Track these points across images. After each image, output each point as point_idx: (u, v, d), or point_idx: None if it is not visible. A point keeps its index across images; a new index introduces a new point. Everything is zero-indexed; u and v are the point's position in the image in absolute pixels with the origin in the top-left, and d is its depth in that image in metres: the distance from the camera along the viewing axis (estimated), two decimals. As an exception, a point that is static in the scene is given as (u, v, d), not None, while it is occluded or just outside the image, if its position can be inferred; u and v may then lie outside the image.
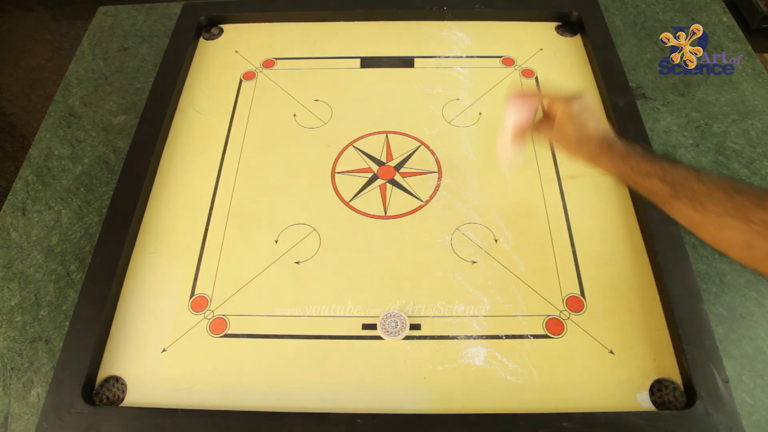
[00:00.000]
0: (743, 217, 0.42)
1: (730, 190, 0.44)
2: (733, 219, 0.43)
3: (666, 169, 0.49)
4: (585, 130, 0.57)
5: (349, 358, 0.59)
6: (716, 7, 0.97)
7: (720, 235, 0.45)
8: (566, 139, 0.59)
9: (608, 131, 0.57)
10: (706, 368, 0.55)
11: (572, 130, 0.58)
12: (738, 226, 0.43)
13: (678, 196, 0.47)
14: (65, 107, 0.87)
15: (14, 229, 0.73)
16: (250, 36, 0.92)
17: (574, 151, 0.59)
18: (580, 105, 0.58)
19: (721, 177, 0.46)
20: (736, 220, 0.43)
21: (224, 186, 0.73)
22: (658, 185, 0.49)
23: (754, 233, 0.42)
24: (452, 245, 0.67)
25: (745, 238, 0.42)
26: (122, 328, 0.62)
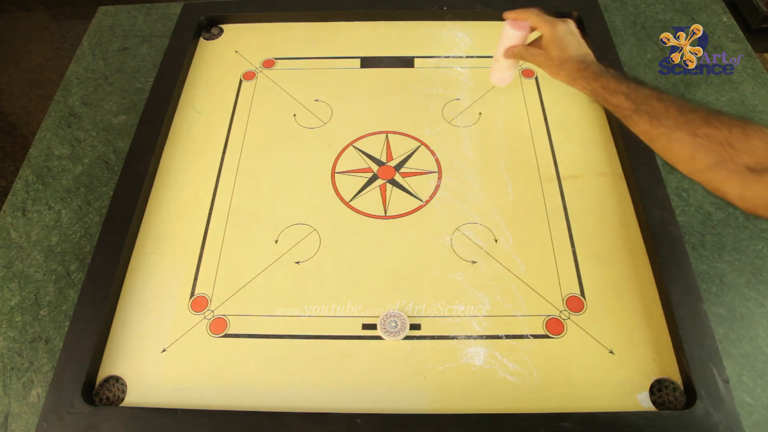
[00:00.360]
0: (690, 132, 0.47)
1: (683, 108, 0.49)
2: (682, 132, 0.48)
3: (632, 89, 0.55)
4: (566, 51, 0.64)
5: (349, 358, 0.59)
6: (716, 7, 0.97)
7: (670, 147, 0.50)
8: (549, 59, 0.66)
9: (587, 54, 0.64)
10: (706, 368, 0.55)
11: (555, 51, 0.65)
12: (685, 139, 0.48)
13: (639, 111, 0.53)
14: (65, 107, 0.87)
15: (14, 229, 0.73)
16: (250, 36, 0.92)
17: (556, 71, 0.66)
18: (565, 28, 0.66)
19: (680, 98, 0.51)
20: (684, 133, 0.48)
21: (224, 186, 0.73)
22: (623, 101, 0.55)
23: (697, 146, 0.47)
24: (452, 245, 0.67)
25: (690, 151, 0.47)
26: (122, 328, 0.62)
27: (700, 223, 0.71)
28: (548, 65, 0.67)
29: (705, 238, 0.70)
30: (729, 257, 0.68)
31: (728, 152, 0.45)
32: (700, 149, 0.47)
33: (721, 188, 0.47)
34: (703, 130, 0.47)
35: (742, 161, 0.45)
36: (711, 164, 0.46)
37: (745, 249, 0.69)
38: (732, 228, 0.70)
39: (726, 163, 0.46)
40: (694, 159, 0.47)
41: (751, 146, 0.44)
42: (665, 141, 0.50)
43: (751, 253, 0.68)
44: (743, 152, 0.45)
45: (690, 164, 0.48)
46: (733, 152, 0.45)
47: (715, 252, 0.68)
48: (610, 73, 0.59)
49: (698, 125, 0.47)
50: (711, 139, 0.46)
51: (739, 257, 0.68)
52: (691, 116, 0.48)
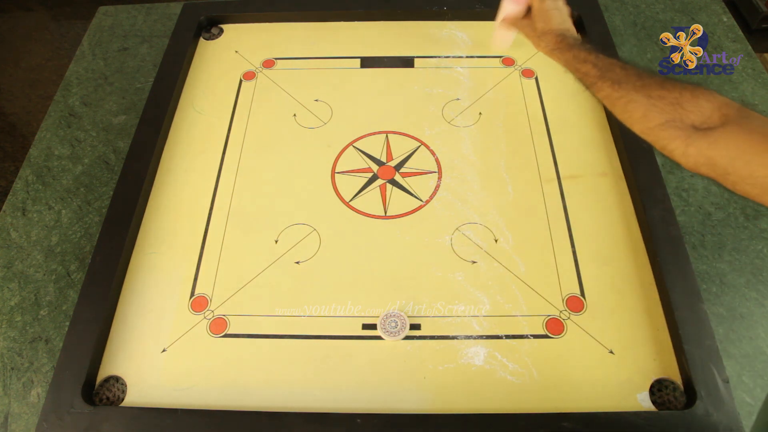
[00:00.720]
0: (646, 93, 0.51)
1: (642, 74, 0.54)
2: (638, 94, 0.52)
3: (600, 58, 0.59)
4: (549, 24, 0.67)
5: (349, 358, 0.59)
6: (716, 7, 0.97)
7: (627, 108, 0.53)
8: (533, 30, 0.70)
9: (568, 29, 0.67)
10: (706, 368, 0.55)
11: (539, 23, 0.68)
12: (641, 101, 0.52)
13: (603, 77, 0.57)
14: (65, 107, 0.87)
15: (14, 229, 0.73)
16: (250, 36, 0.92)
17: (537, 42, 0.70)
18: (552, 3, 0.68)
19: (642, 68, 0.56)
20: (641, 95, 0.52)
21: (224, 186, 0.73)
22: (590, 69, 0.59)
23: (650, 106, 0.51)
24: (452, 245, 0.67)
25: (644, 110, 0.51)
26: (122, 328, 0.62)
27: (700, 223, 0.71)
28: (532, 36, 0.71)
29: (705, 238, 0.70)
30: (729, 257, 0.68)
31: (678, 112, 0.49)
32: (652, 109, 0.50)
33: (668, 146, 0.49)
34: (657, 92, 0.51)
35: (690, 120, 0.48)
36: (661, 123, 0.50)
37: (745, 249, 0.69)
38: (732, 228, 0.70)
39: (674, 122, 0.49)
40: (647, 118, 0.51)
41: (698, 106, 0.48)
42: (623, 102, 0.54)
43: (751, 253, 0.68)
44: (691, 112, 0.48)
45: (643, 123, 0.52)
46: (683, 112, 0.49)
47: (715, 252, 0.68)
48: (582, 45, 0.63)
49: (653, 88, 0.51)
50: (663, 100, 0.50)
51: (739, 257, 0.68)
52: (648, 80, 0.52)
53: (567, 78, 0.83)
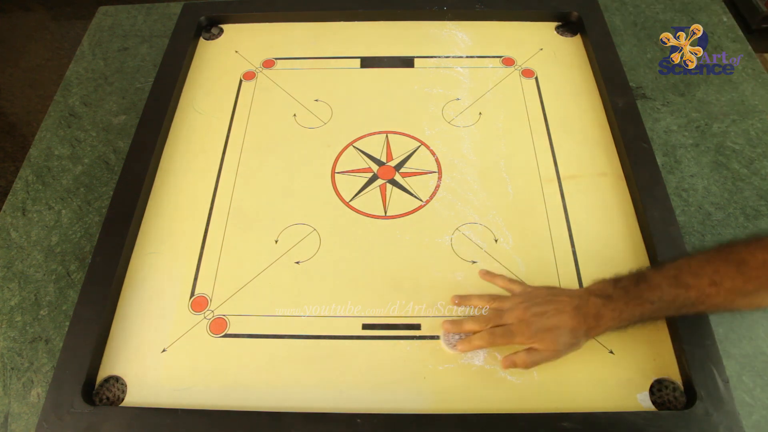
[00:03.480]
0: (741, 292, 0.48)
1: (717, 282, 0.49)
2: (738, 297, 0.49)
3: (655, 301, 0.51)
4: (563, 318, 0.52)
5: (349, 358, 0.59)
6: (716, 7, 0.97)
7: (754, 303, 0.50)
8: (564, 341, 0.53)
9: (581, 297, 0.53)
10: (706, 368, 0.55)
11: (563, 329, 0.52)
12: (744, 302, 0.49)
13: (681, 311, 0.51)
14: (65, 107, 0.87)
15: (14, 229, 0.73)
16: (250, 36, 0.92)
17: (587, 338, 0.54)
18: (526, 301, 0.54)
19: (694, 266, 0.51)
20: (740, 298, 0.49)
21: (224, 186, 0.73)
22: (657, 315, 0.52)
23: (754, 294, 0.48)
24: (452, 245, 0.67)
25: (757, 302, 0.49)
26: (122, 328, 0.62)
27: (700, 223, 0.71)
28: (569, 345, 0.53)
29: (705, 238, 0.70)
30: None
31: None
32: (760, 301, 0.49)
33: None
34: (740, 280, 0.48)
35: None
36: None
37: (745, 249, 0.68)
38: (732, 228, 0.70)
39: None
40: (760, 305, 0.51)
41: None
42: (743, 304, 0.51)
43: (751, 253, 0.68)
44: None
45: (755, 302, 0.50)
46: None
47: (715, 252, 0.68)
48: (622, 297, 0.52)
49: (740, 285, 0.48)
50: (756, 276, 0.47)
51: (739, 257, 0.68)
52: (729, 283, 0.49)
53: (567, 78, 0.84)
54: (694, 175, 0.75)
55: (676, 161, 0.77)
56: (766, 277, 0.47)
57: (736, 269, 0.48)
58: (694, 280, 0.49)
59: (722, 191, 0.74)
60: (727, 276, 0.48)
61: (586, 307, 0.52)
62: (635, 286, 0.52)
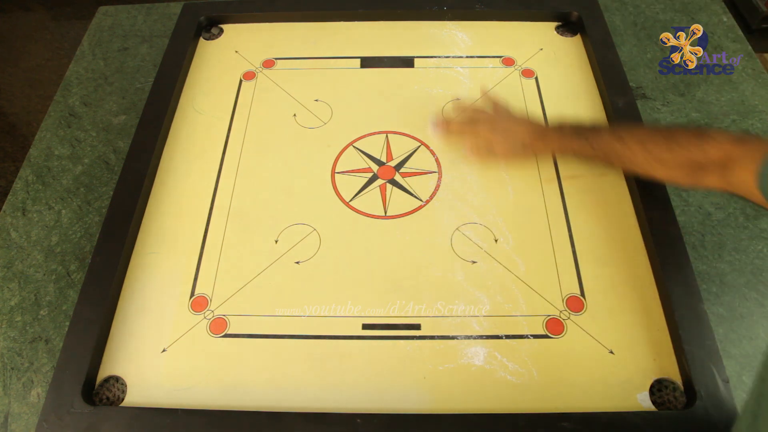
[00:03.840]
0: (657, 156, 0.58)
1: (644, 143, 0.59)
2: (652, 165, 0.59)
3: (593, 142, 0.64)
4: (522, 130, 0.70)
5: (349, 358, 0.59)
6: (716, 7, 0.97)
7: (670, 175, 0.59)
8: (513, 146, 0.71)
9: (537, 122, 0.72)
10: (706, 368, 0.55)
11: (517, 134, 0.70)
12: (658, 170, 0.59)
13: (609, 159, 0.65)
14: (65, 107, 0.87)
15: (14, 229, 0.73)
16: (250, 36, 0.92)
17: (532, 149, 0.71)
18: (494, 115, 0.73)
19: (634, 129, 0.63)
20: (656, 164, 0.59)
21: (224, 186, 0.73)
22: (591, 154, 0.65)
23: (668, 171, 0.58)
24: (452, 245, 0.67)
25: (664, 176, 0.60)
26: (122, 328, 0.62)
27: (700, 223, 0.71)
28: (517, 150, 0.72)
29: (705, 238, 0.70)
30: (729, 257, 0.68)
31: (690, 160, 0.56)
32: (672, 174, 0.59)
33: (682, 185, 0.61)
34: (665, 152, 0.57)
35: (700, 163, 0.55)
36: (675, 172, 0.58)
37: (745, 249, 0.69)
38: (732, 228, 0.70)
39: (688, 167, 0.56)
40: (670, 179, 0.60)
41: (705, 152, 0.54)
42: (641, 171, 0.62)
43: (751, 253, 0.68)
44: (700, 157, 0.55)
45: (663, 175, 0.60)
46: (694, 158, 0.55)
47: (715, 252, 0.68)
48: (568, 131, 0.67)
49: (662, 151, 0.58)
50: (675, 154, 0.57)
51: (739, 257, 0.68)
52: (656, 143, 0.58)
53: (567, 78, 0.84)
54: (694, 175, 0.75)
55: (676, 161, 0.77)
56: (685, 156, 0.55)
57: (664, 139, 0.57)
58: (628, 137, 0.61)
59: (722, 191, 0.74)
60: (654, 142, 0.58)
61: (539, 127, 0.71)
62: (582, 127, 0.66)
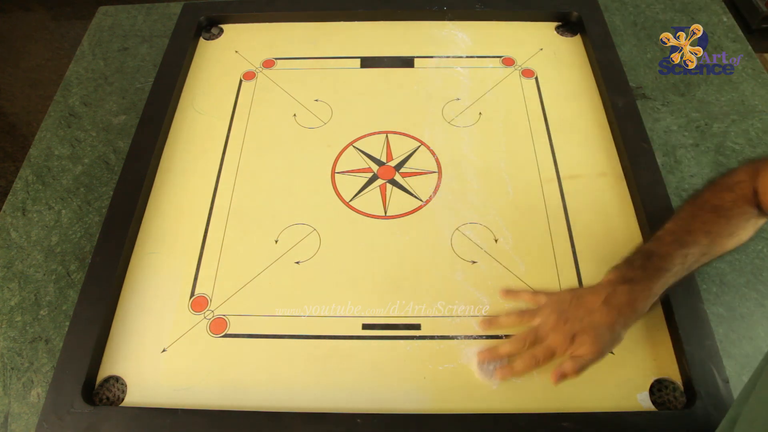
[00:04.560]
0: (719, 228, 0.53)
1: (713, 218, 0.53)
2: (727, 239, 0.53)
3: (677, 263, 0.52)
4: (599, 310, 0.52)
5: (349, 358, 0.59)
6: (716, 7, 0.97)
7: (738, 240, 0.54)
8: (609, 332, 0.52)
9: (606, 290, 0.53)
10: (706, 368, 0.55)
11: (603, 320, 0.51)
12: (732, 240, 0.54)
13: (691, 267, 0.54)
14: (65, 107, 0.87)
15: (14, 229, 0.73)
16: (250, 36, 0.92)
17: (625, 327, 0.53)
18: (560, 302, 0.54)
19: (684, 224, 0.54)
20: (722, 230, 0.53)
21: (224, 186, 0.73)
22: (686, 270, 0.54)
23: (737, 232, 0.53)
24: (452, 245, 0.67)
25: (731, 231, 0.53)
26: (122, 328, 0.62)
27: (700, 223, 0.71)
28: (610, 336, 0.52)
29: (705, 238, 0.69)
30: (729, 257, 0.68)
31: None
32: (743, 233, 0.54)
33: None
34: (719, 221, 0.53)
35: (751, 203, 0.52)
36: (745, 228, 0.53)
37: (745, 249, 0.68)
38: (732, 228, 0.70)
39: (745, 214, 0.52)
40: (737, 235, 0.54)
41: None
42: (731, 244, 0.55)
43: (751, 253, 0.68)
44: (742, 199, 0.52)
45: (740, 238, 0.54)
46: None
47: (715, 252, 0.68)
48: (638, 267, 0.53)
49: (714, 222, 0.53)
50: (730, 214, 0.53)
51: (739, 257, 0.68)
52: (708, 216, 0.53)
53: (567, 78, 0.84)
54: (694, 175, 0.75)
55: (676, 161, 0.77)
56: (738, 214, 0.52)
57: (716, 214, 0.52)
58: (691, 237, 0.52)
59: (722, 191, 0.74)
60: (711, 223, 0.52)
61: (616, 298, 0.52)
62: (649, 261, 0.53)
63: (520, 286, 0.63)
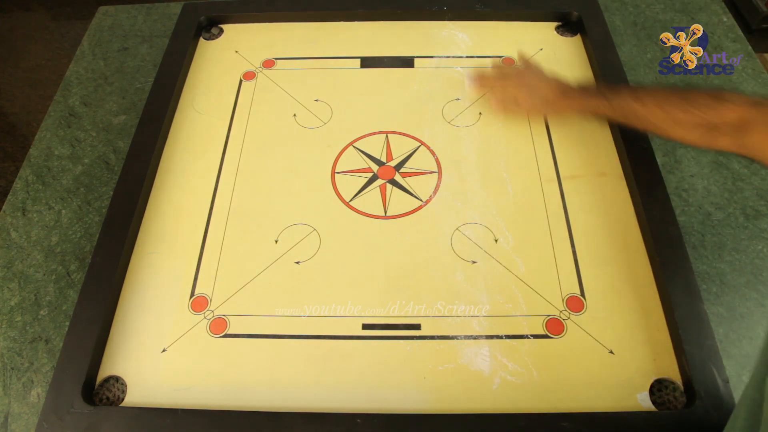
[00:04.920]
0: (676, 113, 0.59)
1: (662, 103, 0.60)
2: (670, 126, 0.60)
3: (613, 102, 0.65)
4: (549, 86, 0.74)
5: (349, 358, 0.59)
6: (716, 7, 0.97)
7: (686, 136, 0.60)
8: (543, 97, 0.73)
9: (560, 81, 0.74)
10: (706, 368, 0.55)
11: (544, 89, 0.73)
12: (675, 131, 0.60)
13: (628, 119, 0.66)
14: (65, 107, 0.87)
15: (14, 229, 0.73)
16: (250, 36, 0.92)
17: (554, 107, 0.74)
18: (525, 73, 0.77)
19: (654, 90, 0.64)
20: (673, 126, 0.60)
21: (224, 186, 0.73)
22: (610, 114, 0.68)
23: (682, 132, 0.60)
24: (452, 245, 0.67)
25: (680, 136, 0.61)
26: (122, 328, 0.62)
27: (700, 223, 0.71)
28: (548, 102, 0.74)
29: (705, 238, 0.70)
30: (729, 257, 0.68)
31: (704, 120, 0.57)
32: (687, 134, 0.60)
33: (694, 143, 0.60)
34: (682, 113, 0.58)
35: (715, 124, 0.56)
36: (690, 129, 0.59)
37: (745, 249, 0.69)
38: (732, 228, 0.70)
39: (702, 127, 0.58)
40: (681, 129, 0.60)
41: (721, 114, 0.56)
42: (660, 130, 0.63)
43: (751, 253, 0.68)
44: (715, 118, 0.56)
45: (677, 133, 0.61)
46: (709, 119, 0.57)
47: (715, 252, 0.68)
48: (591, 91, 0.70)
49: (678, 106, 0.59)
50: (691, 114, 0.58)
51: (739, 257, 0.68)
52: (671, 109, 0.59)
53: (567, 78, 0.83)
54: (694, 175, 0.75)
55: (676, 161, 0.77)
56: (700, 117, 0.56)
57: (681, 101, 0.58)
58: (646, 98, 0.62)
59: (722, 191, 0.74)
60: (671, 103, 0.59)
61: (564, 86, 0.72)
62: (604, 87, 0.69)
63: (519, 286, 0.63)
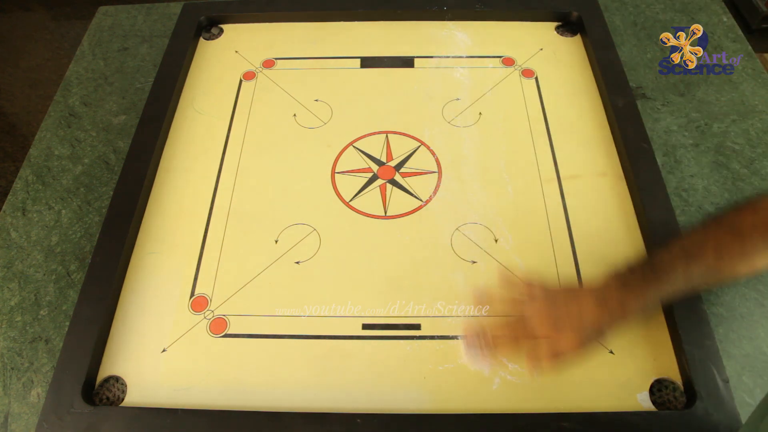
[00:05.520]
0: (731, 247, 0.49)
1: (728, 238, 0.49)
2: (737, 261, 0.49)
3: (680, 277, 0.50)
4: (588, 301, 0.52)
5: (349, 358, 0.59)
6: (716, 7, 0.97)
7: (753, 266, 0.50)
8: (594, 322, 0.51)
9: (600, 289, 0.53)
10: (706, 368, 0.55)
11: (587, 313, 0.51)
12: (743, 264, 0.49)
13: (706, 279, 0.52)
14: (65, 107, 0.87)
15: (14, 229, 0.73)
16: (250, 36, 0.92)
17: (610, 327, 0.52)
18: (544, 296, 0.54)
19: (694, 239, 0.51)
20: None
21: (224, 186, 0.73)
22: (688, 287, 0.51)
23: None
24: (452, 245, 0.67)
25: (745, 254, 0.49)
26: (122, 328, 0.62)
27: (700, 223, 0.71)
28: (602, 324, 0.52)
29: (705, 238, 0.69)
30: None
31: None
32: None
33: None
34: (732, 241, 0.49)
35: None
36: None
37: (745, 249, 0.68)
38: (732, 228, 0.70)
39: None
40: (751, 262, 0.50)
41: None
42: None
43: (751, 253, 0.68)
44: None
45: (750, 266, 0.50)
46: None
47: (715, 252, 0.68)
48: (638, 276, 0.52)
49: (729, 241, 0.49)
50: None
51: (739, 257, 0.68)
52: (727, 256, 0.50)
53: (567, 78, 0.84)
54: (694, 175, 0.75)
55: (676, 161, 0.77)
56: (759, 238, 0.48)
57: (731, 234, 0.49)
58: (699, 251, 0.50)
59: (722, 191, 0.74)
60: (726, 243, 0.49)
61: (608, 301, 0.51)
62: (650, 268, 0.52)
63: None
